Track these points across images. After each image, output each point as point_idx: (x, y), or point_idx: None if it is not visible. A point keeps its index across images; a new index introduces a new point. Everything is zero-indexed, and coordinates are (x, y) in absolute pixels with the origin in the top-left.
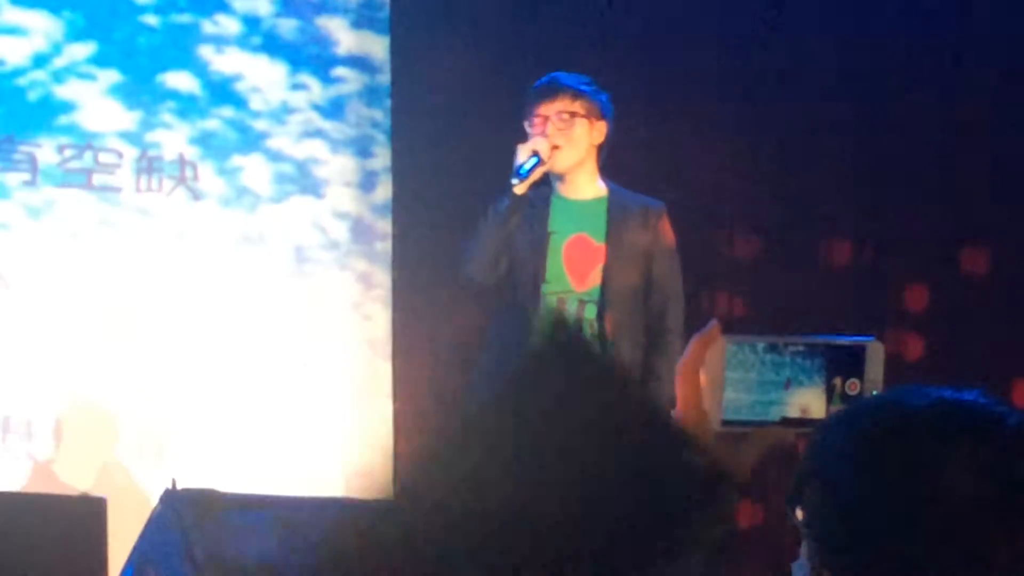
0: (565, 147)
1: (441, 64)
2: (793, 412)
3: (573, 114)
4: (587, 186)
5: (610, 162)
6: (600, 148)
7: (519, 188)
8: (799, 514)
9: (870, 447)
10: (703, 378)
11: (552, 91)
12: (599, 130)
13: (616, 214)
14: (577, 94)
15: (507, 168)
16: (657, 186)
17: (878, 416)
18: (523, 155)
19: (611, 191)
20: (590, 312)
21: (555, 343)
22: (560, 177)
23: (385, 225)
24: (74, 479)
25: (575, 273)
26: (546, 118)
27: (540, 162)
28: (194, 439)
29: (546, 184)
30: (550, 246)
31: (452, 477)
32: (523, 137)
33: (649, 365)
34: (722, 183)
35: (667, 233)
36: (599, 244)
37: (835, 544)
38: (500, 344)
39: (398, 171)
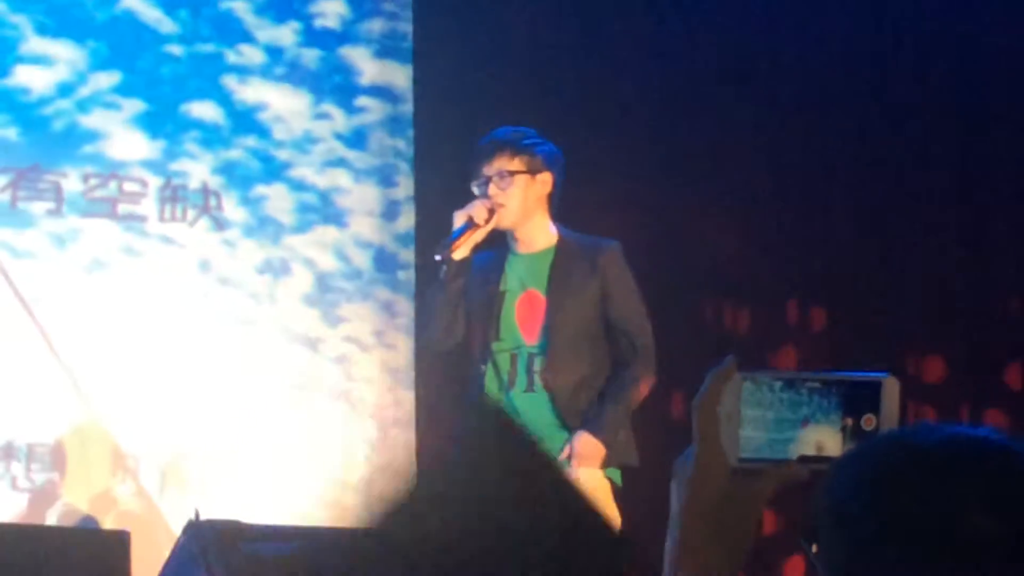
0: (506, 205)
1: (464, 93)
2: (809, 449)
3: (512, 172)
4: (539, 238)
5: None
6: (550, 197)
7: (455, 253)
8: (815, 550)
9: (883, 485)
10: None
11: (490, 151)
12: (543, 182)
13: (560, 263)
14: (516, 151)
15: None
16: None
17: (891, 453)
18: (458, 221)
19: (561, 239)
20: (539, 364)
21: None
22: (512, 234)
23: (408, 254)
24: (96, 511)
25: (526, 327)
26: (489, 178)
27: (471, 226)
28: (217, 469)
29: (503, 243)
30: (504, 305)
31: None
32: None
33: (596, 413)
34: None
35: (620, 272)
36: (544, 297)
37: None
38: (466, 401)
39: (421, 200)
